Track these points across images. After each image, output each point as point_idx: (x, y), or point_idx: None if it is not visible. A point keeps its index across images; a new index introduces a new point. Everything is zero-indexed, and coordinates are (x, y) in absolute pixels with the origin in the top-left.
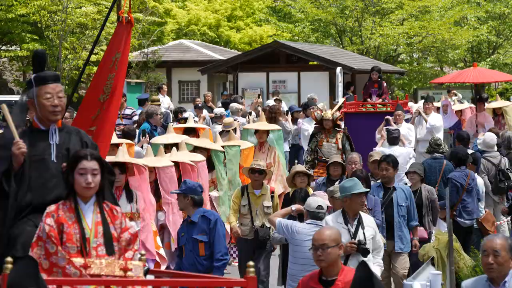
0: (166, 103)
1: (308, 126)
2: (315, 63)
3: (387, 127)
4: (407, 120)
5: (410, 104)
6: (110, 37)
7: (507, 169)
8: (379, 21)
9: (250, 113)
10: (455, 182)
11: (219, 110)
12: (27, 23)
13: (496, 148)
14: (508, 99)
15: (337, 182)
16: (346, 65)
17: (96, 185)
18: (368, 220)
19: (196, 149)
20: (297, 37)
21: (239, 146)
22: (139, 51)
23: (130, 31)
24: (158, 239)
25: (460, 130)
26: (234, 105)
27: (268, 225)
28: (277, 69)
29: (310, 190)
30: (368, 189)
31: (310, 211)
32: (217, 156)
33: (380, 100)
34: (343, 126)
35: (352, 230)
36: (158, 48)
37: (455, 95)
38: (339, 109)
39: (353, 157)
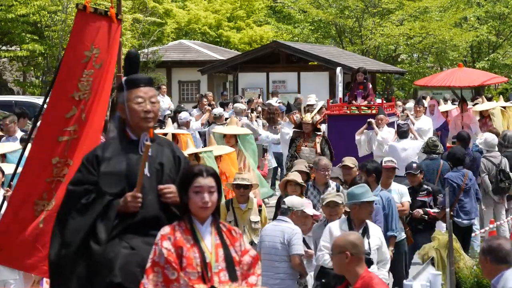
0: (166, 103)
1: (288, 130)
2: (315, 63)
3: (369, 129)
4: (391, 124)
5: (409, 105)
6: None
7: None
8: (379, 22)
9: (251, 111)
10: (451, 182)
11: (218, 110)
12: (27, 23)
13: (497, 148)
14: (508, 99)
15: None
16: (346, 65)
17: (213, 204)
18: (375, 229)
19: None
20: (296, 38)
21: (211, 151)
22: (139, 51)
23: (118, 31)
24: None
25: (447, 131)
26: (238, 105)
27: (256, 241)
28: (277, 69)
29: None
30: (377, 197)
31: (281, 209)
32: None
33: (365, 103)
34: (323, 129)
35: None
36: (158, 48)
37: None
38: (318, 112)
39: (326, 163)
